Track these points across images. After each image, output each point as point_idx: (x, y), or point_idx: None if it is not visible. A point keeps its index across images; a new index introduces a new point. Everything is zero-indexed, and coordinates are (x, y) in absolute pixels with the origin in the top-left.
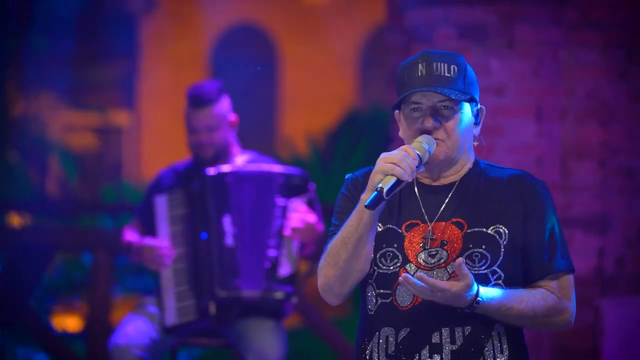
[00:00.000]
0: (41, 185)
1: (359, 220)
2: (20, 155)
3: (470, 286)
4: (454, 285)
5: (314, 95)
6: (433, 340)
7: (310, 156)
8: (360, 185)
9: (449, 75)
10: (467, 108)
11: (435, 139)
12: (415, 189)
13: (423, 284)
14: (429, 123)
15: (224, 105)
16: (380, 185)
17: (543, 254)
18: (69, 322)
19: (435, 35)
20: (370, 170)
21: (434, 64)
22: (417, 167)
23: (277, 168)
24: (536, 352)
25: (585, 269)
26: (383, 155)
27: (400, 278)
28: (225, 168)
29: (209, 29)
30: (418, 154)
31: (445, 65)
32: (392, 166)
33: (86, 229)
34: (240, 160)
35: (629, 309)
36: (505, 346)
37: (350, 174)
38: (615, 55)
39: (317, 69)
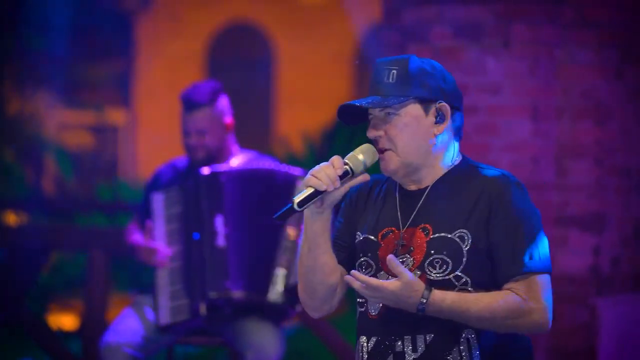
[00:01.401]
0: (37, 184)
1: (306, 232)
2: (16, 153)
3: (410, 285)
4: (390, 284)
5: (310, 93)
6: (396, 349)
7: (306, 155)
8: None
9: (386, 81)
10: (412, 110)
11: (384, 149)
12: (397, 195)
13: (362, 284)
14: (370, 133)
15: (218, 108)
16: (295, 197)
17: (507, 256)
18: (65, 321)
19: (431, 34)
20: (374, 179)
21: (374, 73)
22: (343, 176)
23: (283, 168)
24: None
25: (581, 268)
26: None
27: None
28: (221, 167)
29: (205, 27)
30: (347, 164)
31: (383, 72)
32: (309, 177)
33: (82, 227)
34: (239, 160)
35: (625, 307)
36: (477, 353)
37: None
38: (611, 55)
39: (313, 68)
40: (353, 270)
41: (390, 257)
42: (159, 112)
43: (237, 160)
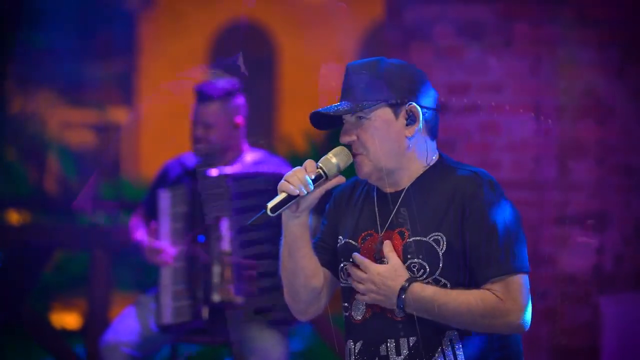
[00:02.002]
0: (39, 183)
1: (285, 235)
2: (18, 152)
3: (395, 270)
4: (377, 265)
5: (313, 92)
6: (381, 353)
7: (308, 154)
8: (338, 197)
9: (357, 85)
10: (382, 113)
11: (357, 153)
12: (375, 197)
13: (357, 269)
14: (342, 139)
15: (229, 106)
16: (268, 202)
17: (483, 258)
18: (68, 320)
19: (433, 33)
20: (357, 181)
21: (345, 77)
22: (316, 180)
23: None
24: (534, 350)
25: (583, 267)
26: None
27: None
28: (228, 170)
29: (207, 26)
30: (320, 167)
31: (353, 76)
32: (282, 182)
33: (85, 226)
34: (249, 159)
35: (628, 306)
36: (459, 352)
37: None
38: (613, 54)
39: (316, 66)
40: (355, 253)
41: (387, 242)
42: (161, 110)
43: (246, 160)
